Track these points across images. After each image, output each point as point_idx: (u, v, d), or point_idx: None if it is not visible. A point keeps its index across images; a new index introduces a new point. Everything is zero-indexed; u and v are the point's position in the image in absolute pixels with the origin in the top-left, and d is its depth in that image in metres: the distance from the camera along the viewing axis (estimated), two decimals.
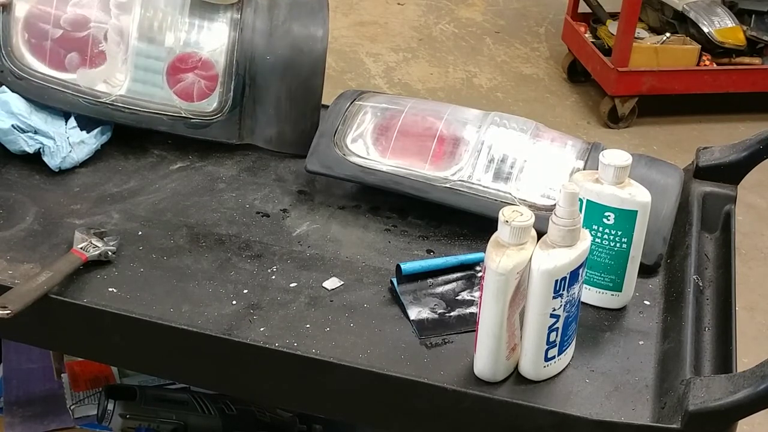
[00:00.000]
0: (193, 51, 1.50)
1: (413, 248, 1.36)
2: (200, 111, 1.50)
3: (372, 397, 1.16)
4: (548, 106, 4.00)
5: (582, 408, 1.10)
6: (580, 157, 1.41)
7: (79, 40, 1.48)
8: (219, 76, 1.50)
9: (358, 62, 4.23)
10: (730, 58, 3.83)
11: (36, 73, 1.47)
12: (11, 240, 1.29)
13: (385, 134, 1.44)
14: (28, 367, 1.82)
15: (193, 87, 1.50)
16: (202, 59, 1.50)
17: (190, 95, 1.50)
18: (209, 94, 1.50)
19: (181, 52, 1.50)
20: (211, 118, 1.50)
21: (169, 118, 1.49)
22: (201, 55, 1.50)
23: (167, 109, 1.49)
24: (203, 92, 1.50)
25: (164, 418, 1.67)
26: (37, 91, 1.46)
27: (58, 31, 1.48)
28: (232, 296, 1.23)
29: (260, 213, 1.41)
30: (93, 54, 1.48)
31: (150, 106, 1.49)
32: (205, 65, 1.50)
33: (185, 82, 1.50)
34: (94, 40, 1.48)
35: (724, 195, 1.45)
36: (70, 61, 1.48)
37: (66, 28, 1.48)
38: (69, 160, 1.44)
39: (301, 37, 1.52)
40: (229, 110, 1.51)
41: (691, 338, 1.17)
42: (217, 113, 1.50)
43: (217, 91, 1.51)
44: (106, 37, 1.49)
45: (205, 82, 1.50)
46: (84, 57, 1.48)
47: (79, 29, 1.48)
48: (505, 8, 4.85)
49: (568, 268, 1.08)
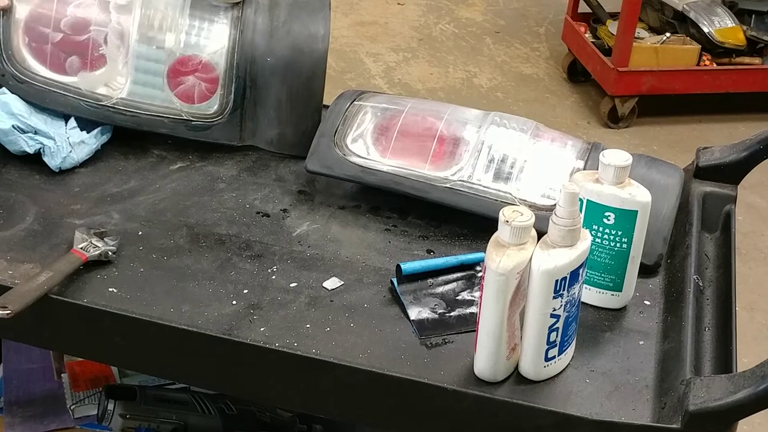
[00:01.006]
0: (193, 54, 1.50)
1: (413, 248, 1.36)
2: (201, 113, 1.50)
3: (372, 397, 1.16)
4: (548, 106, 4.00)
5: (582, 408, 1.10)
6: (580, 157, 1.41)
7: (80, 44, 1.48)
8: (219, 78, 1.50)
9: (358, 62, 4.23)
10: (730, 58, 3.83)
11: (37, 77, 1.47)
12: (11, 240, 1.29)
13: (385, 134, 1.44)
14: (28, 367, 1.82)
15: (193, 89, 1.50)
16: (202, 62, 1.50)
17: (191, 98, 1.50)
18: (210, 97, 1.50)
19: (181, 55, 1.50)
20: (212, 121, 1.50)
21: (170, 121, 1.49)
22: (201, 58, 1.50)
23: (168, 112, 1.49)
24: (204, 94, 1.50)
25: (164, 418, 1.67)
26: (38, 95, 1.46)
27: (59, 34, 1.48)
28: (232, 296, 1.23)
29: (260, 213, 1.41)
30: (93, 57, 1.48)
31: (151, 108, 1.49)
32: (206, 68, 1.50)
33: (186, 85, 1.50)
34: (95, 43, 1.48)
35: (724, 195, 1.45)
36: (70, 64, 1.48)
37: (66, 32, 1.48)
38: (69, 161, 1.44)
39: (302, 37, 1.51)
40: (230, 112, 1.51)
41: (691, 338, 1.17)
42: (218, 115, 1.50)
43: (218, 93, 1.51)
44: (107, 40, 1.49)
45: (205, 85, 1.50)
46: (84, 60, 1.48)
47: (80, 33, 1.48)
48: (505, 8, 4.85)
49: (568, 268, 1.08)
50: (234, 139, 1.52)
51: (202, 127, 1.50)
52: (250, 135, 1.53)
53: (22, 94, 1.46)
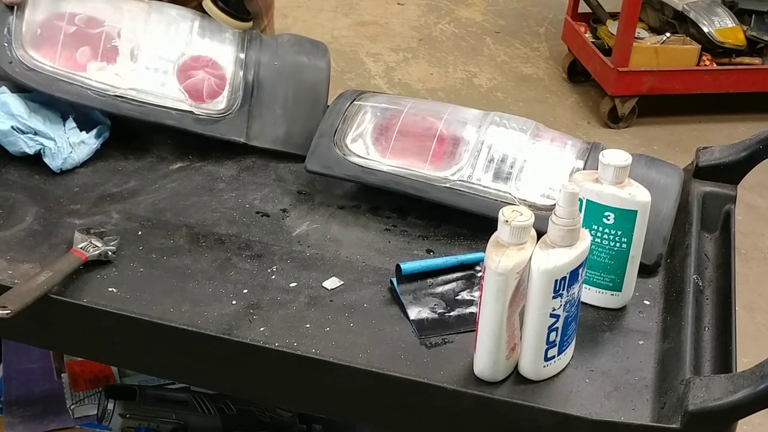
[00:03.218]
0: (204, 53, 1.52)
1: (413, 248, 1.36)
2: (209, 107, 1.51)
3: (372, 397, 1.16)
4: (548, 106, 4.00)
5: (582, 408, 1.10)
6: (580, 157, 1.41)
7: (92, 36, 1.49)
8: (228, 77, 1.52)
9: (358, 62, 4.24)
10: (730, 58, 3.84)
11: (45, 66, 1.46)
12: (11, 240, 1.29)
13: (385, 134, 1.44)
14: (28, 367, 1.82)
15: (203, 84, 1.50)
16: (212, 60, 1.53)
17: (200, 92, 1.50)
18: (219, 93, 1.51)
19: (192, 54, 1.52)
20: (219, 115, 1.51)
21: (177, 113, 1.49)
22: (211, 57, 1.53)
23: (176, 104, 1.49)
24: (213, 90, 1.51)
25: (164, 418, 1.67)
26: (46, 82, 1.46)
27: (72, 27, 1.48)
28: (232, 296, 1.23)
29: (260, 213, 1.41)
30: (105, 49, 1.49)
31: (158, 100, 1.49)
32: (215, 65, 1.52)
33: (195, 79, 1.50)
34: (107, 36, 1.49)
35: (724, 195, 1.45)
36: (81, 54, 1.48)
37: (80, 25, 1.49)
38: (70, 161, 1.44)
39: (307, 47, 1.60)
40: (237, 108, 1.52)
41: (690, 338, 1.17)
42: (225, 111, 1.51)
43: (227, 90, 1.52)
44: (120, 34, 1.50)
45: (215, 80, 1.51)
46: (96, 51, 1.49)
47: (94, 27, 1.49)
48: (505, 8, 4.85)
49: (568, 267, 1.08)
50: (240, 135, 1.52)
51: (209, 121, 1.50)
52: (257, 133, 1.53)
53: (30, 81, 1.45)
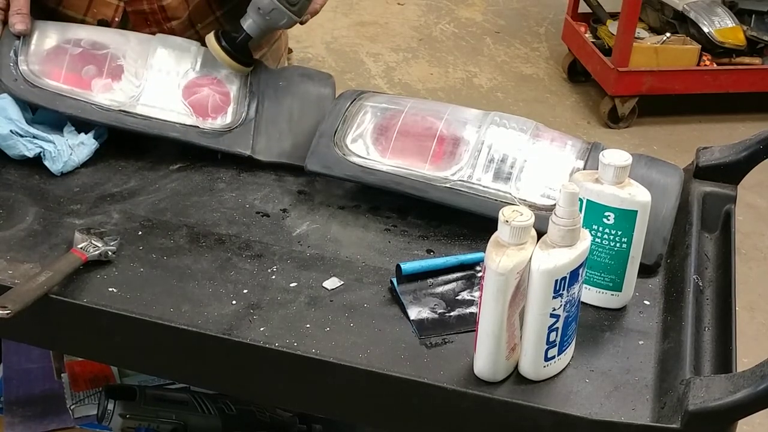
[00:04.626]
0: (208, 73, 1.54)
1: (413, 248, 1.36)
2: (214, 123, 1.51)
3: (372, 397, 1.16)
4: (548, 106, 4.01)
5: (582, 408, 1.10)
6: (580, 157, 1.41)
7: (98, 56, 1.51)
8: (232, 94, 1.53)
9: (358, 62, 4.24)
10: (730, 58, 3.84)
11: (50, 83, 1.48)
12: (11, 240, 1.29)
13: (385, 134, 1.44)
14: (28, 367, 1.82)
15: (207, 100, 1.51)
16: (217, 78, 1.54)
17: (205, 108, 1.51)
18: (224, 108, 1.52)
19: (197, 73, 1.53)
20: (224, 129, 1.51)
21: (181, 126, 1.49)
22: (216, 76, 1.54)
23: (180, 118, 1.50)
24: (218, 105, 1.51)
25: (164, 418, 1.67)
26: (50, 98, 1.47)
27: (78, 48, 1.51)
28: (232, 296, 1.23)
29: (260, 213, 1.41)
30: (110, 67, 1.50)
31: (163, 114, 1.49)
32: (220, 84, 1.54)
33: (200, 95, 1.51)
34: (113, 56, 1.51)
35: (724, 195, 1.45)
36: (86, 72, 1.49)
37: (86, 47, 1.51)
38: (70, 163, 1.44)
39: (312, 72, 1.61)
40: (242, 123, 1.52)
41: (690, 338, 1.17)
42: (231, 126, 1.51)
43: (231, 106, 1.52)
44: (125, 55, 1.51)
45: (220, 97, 1.52)
46: (101, 69, 1.50)
47: (99, 49, 1.51)
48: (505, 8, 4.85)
49: (568, 268, 1.08)
50: (246, 149, 1.51)
51: (214, 134, 1.50)
52: (263, 147, 1.52)
53: (33, 98, 1.46)
